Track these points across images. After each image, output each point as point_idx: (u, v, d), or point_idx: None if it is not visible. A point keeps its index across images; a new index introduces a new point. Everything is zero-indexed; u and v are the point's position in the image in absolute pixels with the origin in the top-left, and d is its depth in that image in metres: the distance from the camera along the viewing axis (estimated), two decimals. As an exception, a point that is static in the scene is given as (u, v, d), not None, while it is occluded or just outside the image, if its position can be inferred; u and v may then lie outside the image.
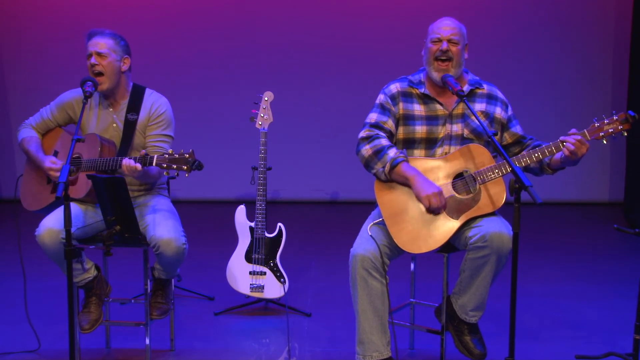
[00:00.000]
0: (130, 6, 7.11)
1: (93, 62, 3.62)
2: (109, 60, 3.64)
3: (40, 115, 3.80)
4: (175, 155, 3.37)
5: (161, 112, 3.73)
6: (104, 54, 3.63)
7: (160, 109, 3.73)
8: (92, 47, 3.64)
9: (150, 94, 3.77)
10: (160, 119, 3.72)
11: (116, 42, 3.66)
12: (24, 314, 3.85)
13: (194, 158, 3.37)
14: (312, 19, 7.12)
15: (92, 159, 3.57)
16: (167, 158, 3.37)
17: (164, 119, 3.72)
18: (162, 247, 3.48)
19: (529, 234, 4.67)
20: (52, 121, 3.78)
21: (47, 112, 3.79)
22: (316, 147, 7.25)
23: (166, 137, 3.72)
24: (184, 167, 3.36)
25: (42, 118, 3.79)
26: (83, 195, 3.56)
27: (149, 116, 3.71)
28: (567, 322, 4.26)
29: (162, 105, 3.74)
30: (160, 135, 3.71)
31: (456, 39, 3.37)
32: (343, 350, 3.83)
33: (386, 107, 3.42)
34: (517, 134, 3.49)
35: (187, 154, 3.36)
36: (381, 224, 3.35)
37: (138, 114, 3.70)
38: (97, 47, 3.63)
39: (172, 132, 3.77)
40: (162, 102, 3.76)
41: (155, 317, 3.70)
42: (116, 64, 3.65)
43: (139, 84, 3.79)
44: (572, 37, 7.11)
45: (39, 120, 3.80)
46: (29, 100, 6.66)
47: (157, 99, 3.76)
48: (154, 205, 3.71)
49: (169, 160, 3.37)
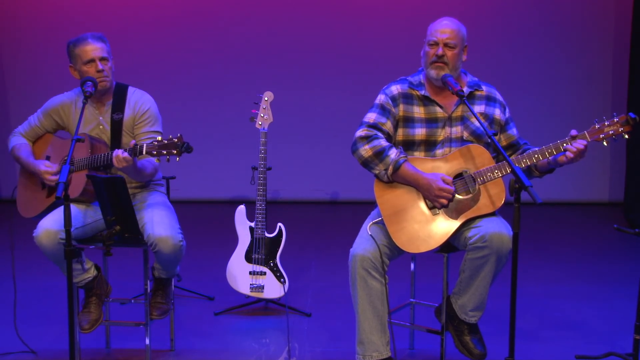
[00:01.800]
0: (130, 6, 7.11)
1: (100, 67, 3.60)
2: (110, 65, 3.65)
3: (29, 123, 3.81)
4: (164, 142, 3.37)
5: (145, 109, 3.71)
6: (106, 57, 3.63)
7: (144, 106, 3.72)
8: (94, 53, 3.60)
9: (133, 92, 3.76)
10: (145, 116, 3.71)
11: (106, 44, 3.67)
12: (23, 314, 3.85)
13: (183, 141, 3.36)
14: (312, 19, 7.12)
15: (84, 157, 3.57)
16: (156, 145, 3.37)
17: (149, 116, 3.72)
18: (159, 245, 3.48)
19: (529, 234, 4.67)
20: (40, 128, 3.78)
21: (34, 120, 3.79)
22: (316, 147, 7.25)
23: (155, 133, 3.71)
24: (173, 151, 3.35)
25: (30, 125, 3.80)
26: (77, 195, 3.56)
27: (134, 115, 3.70)
28: (567, 322, 4.26)
29: (145, 103, 3.73)
30: (149, 132, 3.70)
31: (453, 43, 3.35)
32: (343, 350, 3.83)
33: (386, 107, 3.41)
34: (513, 136, 3.48)
35: (176, 138, 3.36)
36: (381, 224, 3.35)
37: (123, 112, 3.70)
38: (99, 52, 3.61)
39: (160, 127, 3.76)
40: (145, 99, 3.75)
41: (155, 317, 3.70)
42: (112, 67, 3.68)
43: (121, 83, 3.77)
44: (572, 37, 7.11)
45: (27, 128, 3.80)
46: (29, 101, 6.66)
47: (140, 97, 3.75)
48: (150, 202, 3.70)
49: (158, 147, 3.37)
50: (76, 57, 3.63)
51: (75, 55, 3.63)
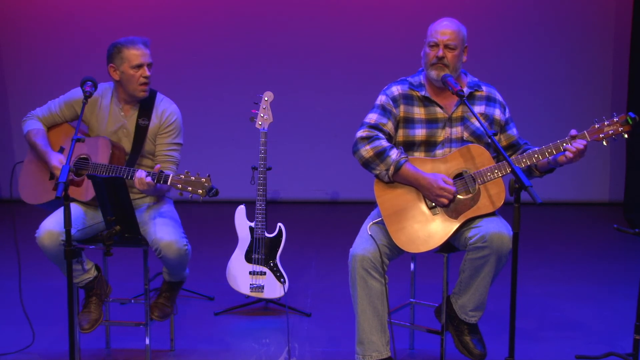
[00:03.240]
0: (130, 6, 7.11)
1: (148, 74, 3.58)
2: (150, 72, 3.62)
3: (48, 108, 3.73)
4: (191, 178, 3.31)
5: (172, 121, 3.69)
6: (151, 64, 3.62)
7: (172, 117, 3.69)
8: (144, 58, 3.58)
9: (162, 100, 3.73)
10: (171, 128, 3.68)
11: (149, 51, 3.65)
12: (22, 314, 3.84)
13: (211, 184, 3.31)
14: (312, 19, 7.12)
15: (102, 163, 3.53)
16: (182, 179, 3.32)
17: (174, 128, 3.69)
18: (164, 250, 3.48)
19: (529, 234, 4.67)
20: (59, 116, 3.72)
21: (55, 107, 3.72)
22: (316, 147, 7.25)
23: (176, 145, 3.71)
24: (199, 191, 3.30)
25: (50, 111, 3.72)
26: (89, 199, 3.55)
27: (160, 124, 3.67)
28: (567, 322, 4.26)
29: (173, 113, 3.70)
30: (172, 144, 3.69)
31: (453, 44, 3.34)
32: (343, 350, 3.83)
33: (387, 108, 3.41)
34: (513, 136, 3.48)
35: (204, 178, 3.31)
36: (381, 224, 3.35)
37: (149, 119, 3.66)
38: (147, 57, 3.59)
39: (181, 139, 3.75)
40: (172, 110, 3.72)
41: (155, 317, 3.69)
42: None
43: (151, 89, 3.71)
44: (572, 37, 7.11)
45: (47, 113, 3.73)
46: (29, 101, 6.64)
47: (168, 106, 3.72)
48: (155, 208, 3.70)
49: (184, 182, 3.32)
50: (123, 58, 3.57)
51: (122, 57, 3.57)
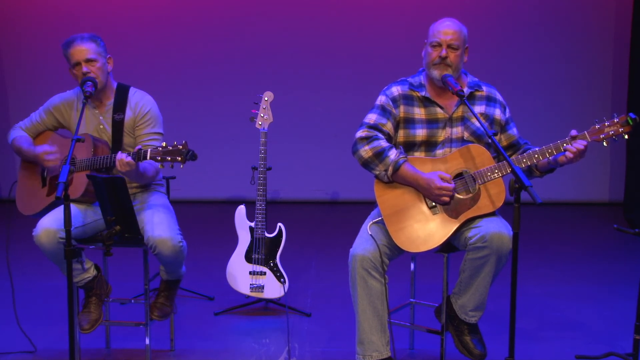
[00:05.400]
0: (130, 6, 7.12)
1: (85, 70, 3.58)
2: (99, 65, 3.61)
3: (30, 119, 3.82)
4: (168, 148, 3.37)
5: (146, 111, 3.71)
6: (93, 59, 3.59)
7: (145, 108, 3.71)
8: (77, 56, 3.59)
9: (134, 92, 3.76)
10: (146, 118, 3.70)
11: (97, 45, 3.62)
12: (23, 314, 3.85)
13: (188, 148, 3.37)
14: (312, 18, 7.12)
15: (86, 158, 3.57)
16: (160, 151, 3.37)
17: (150, 117, 3.71)
18: (159, 247, 3.48)
19: (529, 234, 4.67)
20: (41, 124, 3.79)
21: (36, 116, 3.80)
22: (316, 147, 7.26)
23: (156, 134, 3.72)
24: (178, 158, 3.36)
25: (32, 122, 3.80)
26: (79, 196, 3.56)
27: (135, 116, 3.70)
28: (567, 322, 4.26)
29: (146, 104, 3.72)
30: (150, 133, 3.70)
31: (456, 45, 3.34)
32: (343, 350, 3.83)
33: (387, 108, 3.41)
34: (513, 136, 3.48)
35: (181, 145, 3.36)
36: (381, 224, 3.35)
37: (124, 113, 3.69)
38: (83, 54, 3.59)
39: (161, 129, 3.76)
40: (146, 101, 3.74)
41: (155, 317, 3.70)
42: (105, 67, 3.64)
43: (123, 83, 3.76)
44: (572, 37, 7.11)
45: (29, 124, 3.81)
46: (29, 101, 6.64)
47: (141, 98, 3.74)
48: (150, 203, 3.70)
49: (162, 153, 3.37)
50: (67, 59, 3.64)
51: (67, 59, 3.64)
